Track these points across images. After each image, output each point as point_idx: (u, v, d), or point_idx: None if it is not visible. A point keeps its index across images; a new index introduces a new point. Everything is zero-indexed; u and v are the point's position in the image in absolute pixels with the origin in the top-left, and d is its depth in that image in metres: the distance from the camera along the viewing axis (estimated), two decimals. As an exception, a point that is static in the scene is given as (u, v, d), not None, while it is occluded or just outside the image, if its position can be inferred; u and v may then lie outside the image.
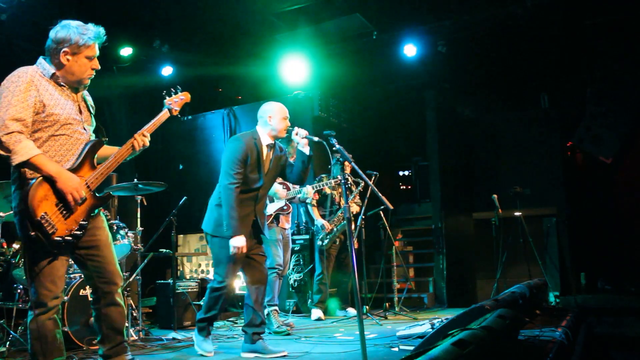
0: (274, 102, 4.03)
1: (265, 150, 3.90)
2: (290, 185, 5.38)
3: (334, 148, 3.42)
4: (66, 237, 2.56)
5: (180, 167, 8.32)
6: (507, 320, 2.49)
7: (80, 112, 2.75)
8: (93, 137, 2.81)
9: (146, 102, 8.02)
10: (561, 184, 7.75)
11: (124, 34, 7.00)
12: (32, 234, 2.47)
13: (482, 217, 8.04)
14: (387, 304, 6.10)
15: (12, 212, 4.11)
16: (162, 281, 5.82)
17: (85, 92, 2.87)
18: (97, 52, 2.73)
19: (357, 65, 7.83)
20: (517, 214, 6.75)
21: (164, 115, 3.01)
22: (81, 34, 2.65)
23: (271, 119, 3.93)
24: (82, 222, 2.64)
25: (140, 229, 5.08)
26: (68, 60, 2.65)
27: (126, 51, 7.19)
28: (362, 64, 7.87)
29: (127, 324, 4.51)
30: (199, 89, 8.57)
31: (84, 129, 2.75)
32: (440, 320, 4.20)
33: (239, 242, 3.63)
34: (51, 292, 2.63)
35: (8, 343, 3.93)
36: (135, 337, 4.59)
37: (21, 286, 4.17)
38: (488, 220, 7.10)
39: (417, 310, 6.69)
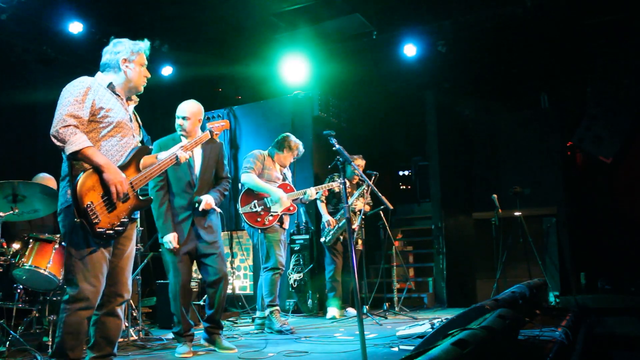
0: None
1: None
2: (293, 186, 5.37)
3: (333, 148, 3.41)
4: (107, 231, 2.65)
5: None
6: (507, 320, 2.49)
7: (131, 120, 2.95)
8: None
9: (146, 102, 7.99)
10: (561, 184, 7.74)
11: (124, 34, 6.97)
12: (78, 220, 2.56)
13: (482, 217, 8.04)
14: (387, 304, 6.10)
15: (12, 212, 4.13)
16: (162, 281, 5.80)
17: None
18: (146, 62, 3.04)
19: (357, 65, 7.82)
20: (517, 214, 6.75)
21: (205, 136, 3.50)
22: (134, 44, 2.99)
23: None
24: (124, 220, 2.75)
25: (140, 229, 5.07)
26: (127, 67, 2.92)
27: (126, 51, 7.18)
28: (362, 64, 7.86)
29: (126, 324, 4.51)
30: (199, 89, 8.56)
31: (133, 136, 2.92)
32: (440, 320, 4.19)
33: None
34: (95, 288, 2.67)
35: (8, 343, 3.92)
36: (135, 337, 4.59)
37: (21, 286, 4.17)
38: (488, 220, 7.09)
39: (417, 310, 6.69)
